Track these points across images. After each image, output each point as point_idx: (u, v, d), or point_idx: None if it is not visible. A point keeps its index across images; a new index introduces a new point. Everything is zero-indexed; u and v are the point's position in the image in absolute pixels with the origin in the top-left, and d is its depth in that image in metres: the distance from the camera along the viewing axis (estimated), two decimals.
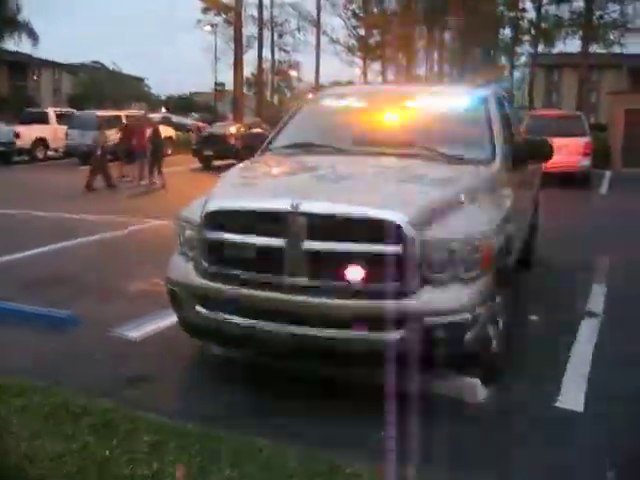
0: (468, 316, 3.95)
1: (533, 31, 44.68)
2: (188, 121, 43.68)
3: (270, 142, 5.71)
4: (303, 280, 3.98)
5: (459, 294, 3.95)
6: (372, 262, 3.89)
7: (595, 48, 33.96)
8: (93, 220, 11.55)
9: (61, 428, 3.59)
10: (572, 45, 38.07)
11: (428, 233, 3.92)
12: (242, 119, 30.98)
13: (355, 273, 3.91)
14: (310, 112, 6.00)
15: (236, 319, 4.14)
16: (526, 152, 5.52)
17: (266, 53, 47.71)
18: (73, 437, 3.50)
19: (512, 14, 47.33)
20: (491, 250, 4.13)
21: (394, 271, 3.86)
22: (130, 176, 17.97)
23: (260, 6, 40.87)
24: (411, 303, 3.87)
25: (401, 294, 3.88)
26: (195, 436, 3.57)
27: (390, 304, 3.87)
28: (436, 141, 5.11)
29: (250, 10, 43.66)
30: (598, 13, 32.60)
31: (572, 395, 4.45)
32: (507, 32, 50.71)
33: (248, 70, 45.63)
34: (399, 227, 3.83)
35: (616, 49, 34.83)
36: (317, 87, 45.08)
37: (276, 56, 53.70)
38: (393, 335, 3.89)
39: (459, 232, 4.01)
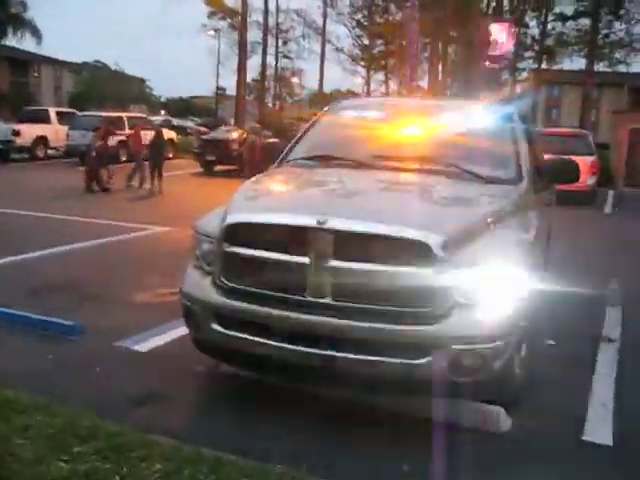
0: (499, 343, 3.78)
1: (536, 47, 44.67)
2: (188, 124, 43.58)
3: (287, 153, 5.54)
4: (326, 300, 3.80)
5: (491, 321, 3.77)
6: (401, 284, 3.71)
7: (600, 66, 33.97)
8: (93, 224, 11.33)
9: (67, 452, 3.39)
10: (575, 62, 38.09)
11: (460, 256, 3.74)
12: (244, 125, 30.78)
13: (382, 295, 3.74)
14: (329, 124, 5.82)
15: (255, 338, 3.94)
16: (552, 173, 5.33)
17: (270, 59, 47.58)
18: (80, 462, 3.30)
19: (515, 30, 47.28)
20: (522, 275, 3.96)
21: (424, 294, 3.69)
22: (104, 179, 16.66)
23: (265, 12, 40.73)
24: (441, 328, 3.69)
25: (430, 319, 3.70)
26: (210, 463, 3.37)
27: (419, 329, 3.70)
28: (461, 158, 4.92)
29: (255, 16, 43.54)
30: (604, 32, 32.68)
31: (598, 427, 4.27)
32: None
33: (251, 76, 45.53)
34: (431, 249, 3.66)
35: (621, 68, 34.85)
36: (321, 95, 45.05)
37: (279, 63, 53.53)
38: (420, 361, 3.71)
39: (492, 258, 3.83)
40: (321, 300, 3.80)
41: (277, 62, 52.17)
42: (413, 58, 42.52)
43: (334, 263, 3.75)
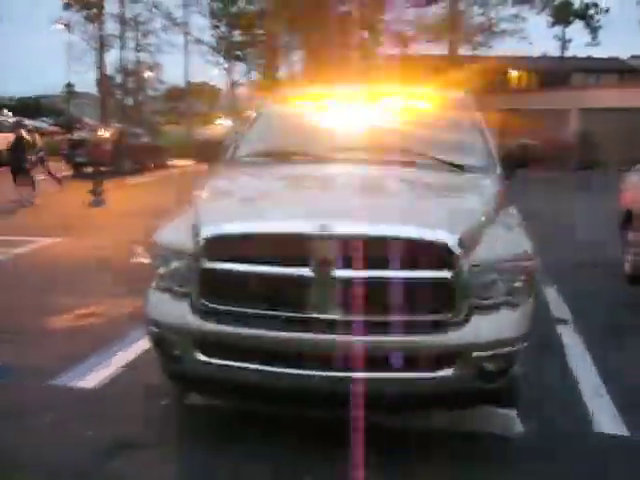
0: (521, 346, 3.48)
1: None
2: (44, 125, 40.84)
3: (236, 149, 4.95)
4: (334, 316, 3.33)
5: (512, 322, 3.45)
6: (417, 290, 3.31)
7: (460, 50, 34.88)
8: None
9: None
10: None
11: (476, 255, 3.39)
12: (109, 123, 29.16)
13: (397, 305, 3.32)
14: (276, 116, 5.25)
15: (251, 366, 3.40)
16: (518, 158, 5.01)
17: (129, 54, 45.23)
18: None
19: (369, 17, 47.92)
20: (534, 269, 3.68)
21: (444, 299, 3.32)
22: None
23: (122, 2, 38.68)
24: (464, 335, 3.33)
25: (451, 325, 3.33)
26: None
27: (441, 338, 3.32)
28: (432, 148, 4.55)
29: (111, 7, 41.15)
30: (464, 17, 33.65)
31: (606, 417, 4.12)
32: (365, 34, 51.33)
33: (109, 71, 43.28)
34: (449, 249, 3.28)
35: (483, 52, 35.91)
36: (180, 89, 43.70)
37: (139, 56, 51.04)
38: (444, 373, 3.34)
39: (506, 252, 3.51)
40: (328, 316, 3.33)
41: (138, 56, 49.81)
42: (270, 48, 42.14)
43: (341, 273, 3.29)
